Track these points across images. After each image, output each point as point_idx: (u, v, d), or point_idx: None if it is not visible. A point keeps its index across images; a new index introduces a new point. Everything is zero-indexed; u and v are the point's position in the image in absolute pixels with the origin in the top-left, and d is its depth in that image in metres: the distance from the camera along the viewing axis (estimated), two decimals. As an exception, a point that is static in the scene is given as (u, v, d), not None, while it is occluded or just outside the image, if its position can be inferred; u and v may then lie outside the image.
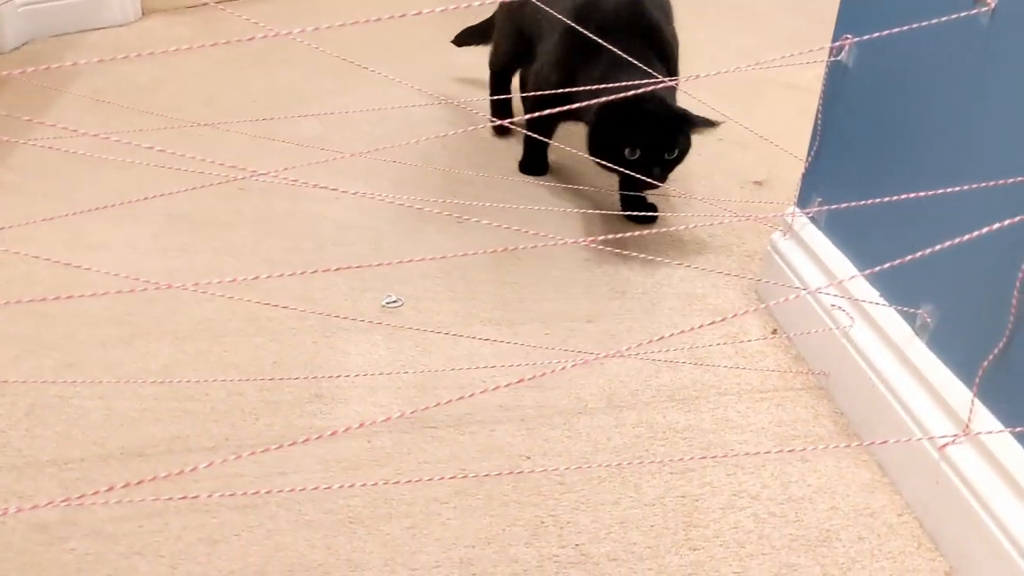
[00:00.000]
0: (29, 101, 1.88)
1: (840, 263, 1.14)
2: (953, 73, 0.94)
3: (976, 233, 0.76)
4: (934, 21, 0.91)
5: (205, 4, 2.60)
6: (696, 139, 1.38)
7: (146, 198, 1.02)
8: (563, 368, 0.91)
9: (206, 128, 1.76)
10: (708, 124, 1.36)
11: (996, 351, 0.86)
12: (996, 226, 0.75)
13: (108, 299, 1.24)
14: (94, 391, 1.08)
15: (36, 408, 1.05)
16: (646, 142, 1.35)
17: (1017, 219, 0.76)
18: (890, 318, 1.04)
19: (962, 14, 0.89)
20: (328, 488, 0.94)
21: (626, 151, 1.35)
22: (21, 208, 1.49)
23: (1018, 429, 0.84)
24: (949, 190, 0.86)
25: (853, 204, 0.95)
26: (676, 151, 1.37)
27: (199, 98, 1.96)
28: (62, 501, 0.57)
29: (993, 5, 0.87)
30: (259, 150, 1.70)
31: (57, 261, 1.09)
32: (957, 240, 0.76)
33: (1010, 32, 0.85)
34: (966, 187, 0.83)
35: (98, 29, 2.38)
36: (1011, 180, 0.82)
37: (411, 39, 2.39)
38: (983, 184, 0.84)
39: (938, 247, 0.78)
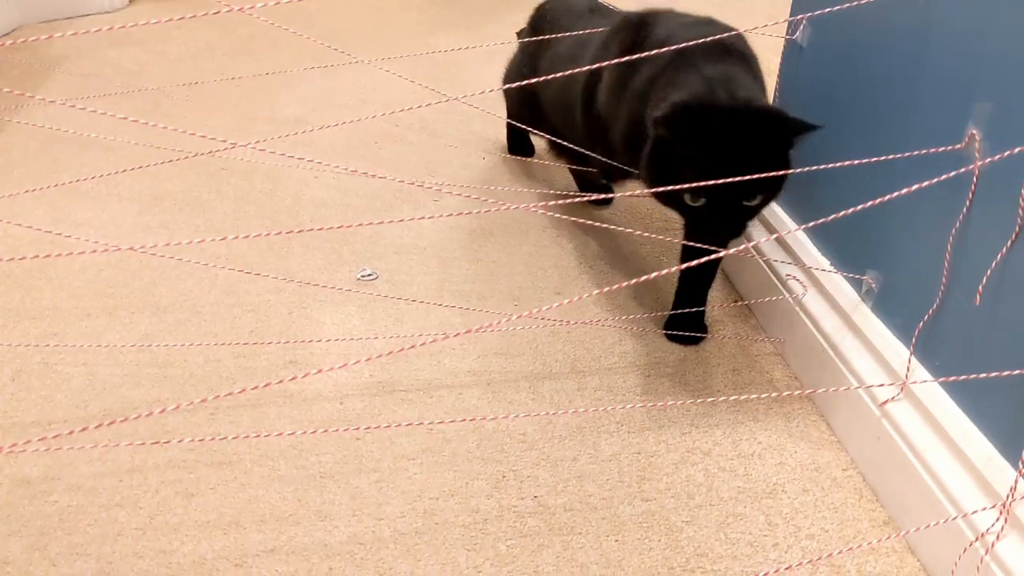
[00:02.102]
0: (18, 84, 1.92)
1: (795, 234, 1.19)
2: (893, 50, 0.99)
3: (897, 193, 0.80)
4: (874, -1, 0.96)
5: (191, -9, 2.64)
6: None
7: (127, 170, 1.07)
8: (476, 330, 0.95)
9: (189, 110, 1.81)
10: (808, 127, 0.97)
11: (931, 312, 0.91)
12: (915, 187, 0.80)
13: (91, 273, 1.29)
14: (77, 358, 1.12)
15: (21, 374, 1.09)
16: (713, 180, 0.91)
17: (936, 180, 0.80)
18: (839, 285, 1.09)
19: (900, -8, 0.94)
20: (292, 433, 0.99)
21: (687, 196, 0.96)
22: (7, 189, 1.53)
23: (942, 379, 0.89)
24: (882, 158, 0.90)
25: (798, 171, 0.99)
26: (759, 198, 0.97)
27: (184, 82, 2.00)
28: (39, 440, 0.61)
29: (929, -17, 0.92)
30: (241, 131, 1.75)
31: (41, 229, 1.13)
32: (878, 200, 0.80)
33: (945, 6, 0.90)
34: (897, 156, 0.88)
35: (86, 15, 2.42)
36: (941, 148, 0.86)
37: (395, 24, 2.43)
38: (915, 152, 0.88)
39: (858, 207, 0.82)
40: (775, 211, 1.25)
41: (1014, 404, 0.79)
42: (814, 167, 1.00)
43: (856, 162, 0.92)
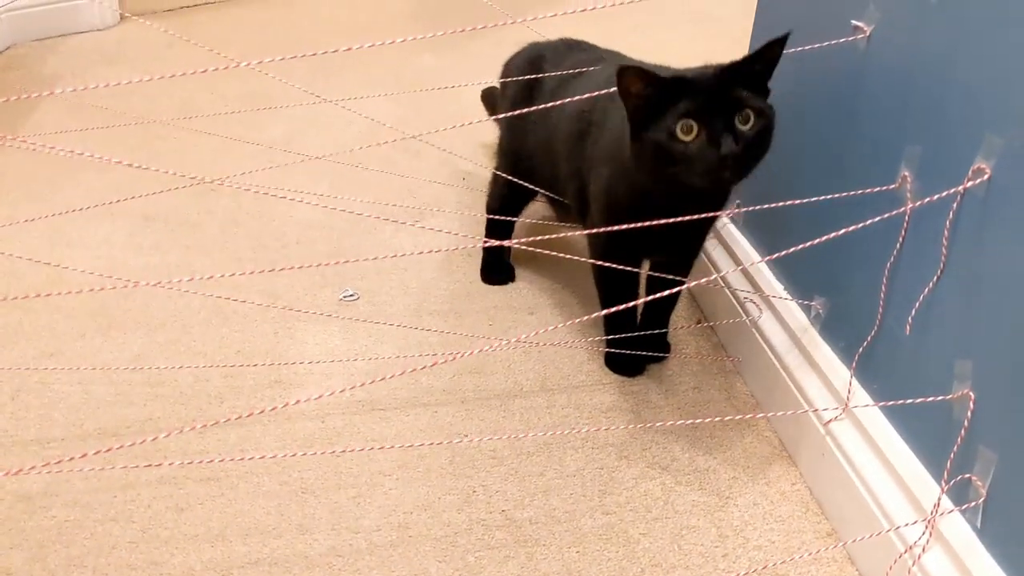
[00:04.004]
0: (12, 104, 1.98)
1: (754, 259, 1.26)
2: (838, 91, 1.06)
3: (840, 232, 0.88)
4: (817, 46, 1.03)
5: (182, 8, 2.70)
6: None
7: (120, 200, 1.13)
8: (454, 357, 1.01)
9: (179, 131, 1.87)
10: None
11: (869, 338, 0.98)
12: (853, 228, 0.87)
13: (86, 293, 1.35)
14: (73, 377, 1.19)
15: (20, 393, 1.15)
16: (704, 105, 0.93)
17: (873, 220, 0.87)
18: (791, 309, 1.16)
19: (842, 40, 1.01)
20: (274, 456, 1.05)
21: (678, 128, 0.94)
22: (3, 211, 1.59)
23: (877, 404, 0.96)
24: (824, 198, 0.97)
25: (754, 208, 1.06)
26: (752, 118, 0.95)
27: (174, 101, 2.06)
28: (43, 466, 0.67)
29: (868, 32, 0.99)
30: (230, 152, 1.81)
31: (40, 261, 1.19)
32: (825, 237, 0.88)
33: (882, 55, 0.97)
34: (838, 195, 0.95)
35: (78, 33, 2.47)
36: (877, 189, 0.93)
37: (381, 45, 2.49)
38: (854, 192, 0.95)
39: (808, 243, 0.89)
40: (738, 241, 1.32)
41: (939, 426, 0.86)
42: (765, 205, 1.07)
43: (800, 201, 0.99)
